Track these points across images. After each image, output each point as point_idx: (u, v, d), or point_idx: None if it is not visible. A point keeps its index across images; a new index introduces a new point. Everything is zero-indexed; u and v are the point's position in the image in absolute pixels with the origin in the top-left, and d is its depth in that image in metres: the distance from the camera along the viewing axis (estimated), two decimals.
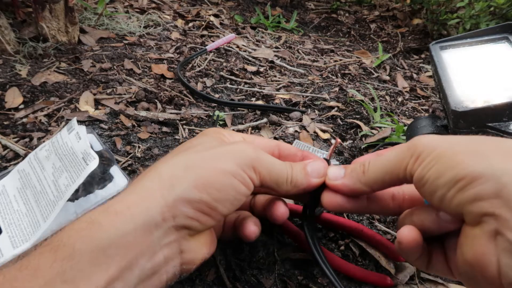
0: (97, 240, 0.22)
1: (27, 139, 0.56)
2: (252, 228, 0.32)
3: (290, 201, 0.52)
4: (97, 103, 0.67)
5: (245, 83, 0.85)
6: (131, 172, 0.52)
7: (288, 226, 0.42)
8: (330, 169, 0.32)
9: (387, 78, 0.98)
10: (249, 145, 0.30)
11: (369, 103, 0.78)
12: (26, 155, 0.51)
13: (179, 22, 1.16)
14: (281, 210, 0.33)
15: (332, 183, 0.31)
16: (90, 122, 0.61)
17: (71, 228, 0.24)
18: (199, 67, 0.88)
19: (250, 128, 0.67)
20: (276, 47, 1.12)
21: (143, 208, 0.24)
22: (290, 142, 0.63)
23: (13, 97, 0.64)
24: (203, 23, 1.17)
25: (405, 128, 0.62)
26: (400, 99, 0.87)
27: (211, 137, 0.32)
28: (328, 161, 0.33)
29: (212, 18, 1.23)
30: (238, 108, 0.73)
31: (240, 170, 0.27)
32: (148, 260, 0.24)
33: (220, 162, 0.27)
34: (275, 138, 0.65)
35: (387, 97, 0.87)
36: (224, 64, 0.93)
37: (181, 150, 0.30)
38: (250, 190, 0.28)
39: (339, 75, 0.97)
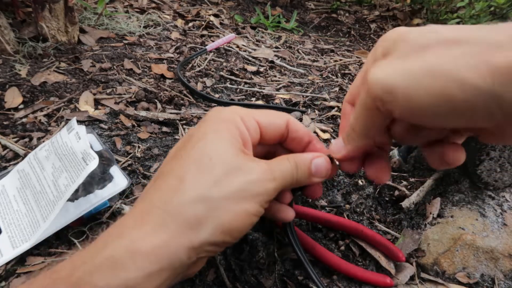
0: (121, 279, 0.22)
1: (26, 139, 0.56)
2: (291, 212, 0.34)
3: None
4: (97, 103, 0.67)
5: (245, 83, 0.85)
6: (131, 172, 0.52)
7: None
8: (332, 145, 0.32)
9: None
10: (268, 173, 0.28)
11: None
12: (25, 155, 0.51)
13: (179, 22, 1.16)
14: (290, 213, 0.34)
15: (338, 156, 0.31)
16: (90, 122, 0.61)
17: (92, 264, 0.23)
18: (199, 67, 0.88)
19: None
20: (276, 47, 1.12)
21: (169, 251, 0.24)
22: None
23: (13, 97, 0.64)
24: (203, 23, 1.17)
25: None
26: None
27: (227, 141, 0.28)
28: (332, 159, 0.32)
29: (212, 18, 1.23)
30: None
31: (261, 208, 0.28)
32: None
33: (245, 204, 0.27)
34: None
35: None
36: (224, 64, 0.93)
37: (199, 171, 0.27)
38: None
39: (339, 75, 0.97)
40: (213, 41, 1.01)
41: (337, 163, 0.33)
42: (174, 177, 0.27)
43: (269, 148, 0.34)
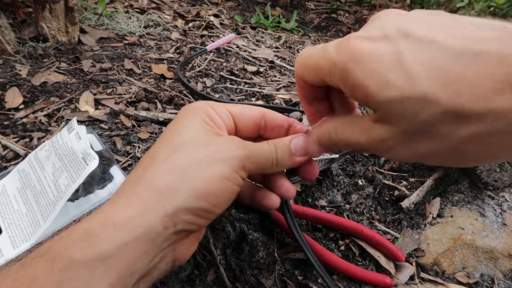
0: (96, 251, 0.22)
1: (27, 139, 0.56)
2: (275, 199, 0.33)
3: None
4: (97, 103, 0.67)
5: (245, 83, 0.85)
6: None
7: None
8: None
9: None
10: (238, 143, 0.29)
11: None
12: (26, 155, 0.51)
13: (179, 22, 1.16)
14: (274, 200, 0.33)
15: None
16: (90, 122, 0.61)
17: (68, 239, 0.23)
18: (199, 67, 0.88)
19: None
20: (276, 47, 1.12)
21: (143, 220, 0.24)
22: None
23: (13, 97, 0.64)
24: (203, 23, 1.17)
25: None
26: None
27: (197, 123, 0.29)
28: None
29: (212, 18, 1.23)
30: None
31: (234, 173, 0.28)
32: (147, 265, 0.25)
33: (216, 167, 0.27)
34: None
35: None
36: (224, 64, 0.93)
37: (170, 147, 0.28)
38: (240, 187, 0.29)
39: None
40: (213, 41, 1.01)
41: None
42: (147, 158, 0.28)
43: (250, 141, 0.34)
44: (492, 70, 0.18)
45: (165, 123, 0.64)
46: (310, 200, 0.51)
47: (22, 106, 0.63)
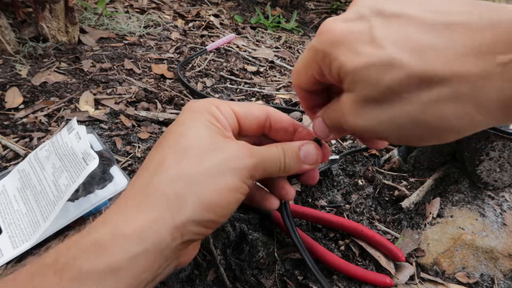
0: (106, 262, 0.22)
1: (27, 139, 0.56)
2: (275, 201, 0.33)
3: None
4: (97, 103, 0.67)
5: (245, 83, 0.85)
6: (131, 172, 0.52)
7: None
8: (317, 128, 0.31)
9: None
10: (247, 150, 0.29)
11: None
12: (26, 155, 0.51)
13: (179, 22, 1.16)
14: (274, 202, 0.33)
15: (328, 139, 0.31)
16: (90, 122, 0.61)
17: (76, 248, 0.23)
18: (199, 67, 0.88)
19: None
20: (276, 47, 1.12)
21: (153, 231, 0.24)
22: None
23: (13, 97, 0.64)
24: (203, 23, 1.17)
25: None
26: None
27: (202, 124, 0.29)
28: (319, 141, 0.32)
29: (212, 18, 1.23)
30: None
31: (242, 183, 0.27)
32: (154, 274, 0.25)
33: (225, 178, 0.27)
34: None
35: None
36: (224, 64, 0.93)
37: (177, 151, 0.27)
38: (245, 196, 0.29)
39: None
40: (213, 41, 1.01)
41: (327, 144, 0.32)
42: (153, 162, 0.28)
43: (254, 140, 0.34)
44: (458, 37, 0.18)
45: (165, 123, 0.64)
46: (310, 200, 0.51)
47: (22, 106, 0.63)
